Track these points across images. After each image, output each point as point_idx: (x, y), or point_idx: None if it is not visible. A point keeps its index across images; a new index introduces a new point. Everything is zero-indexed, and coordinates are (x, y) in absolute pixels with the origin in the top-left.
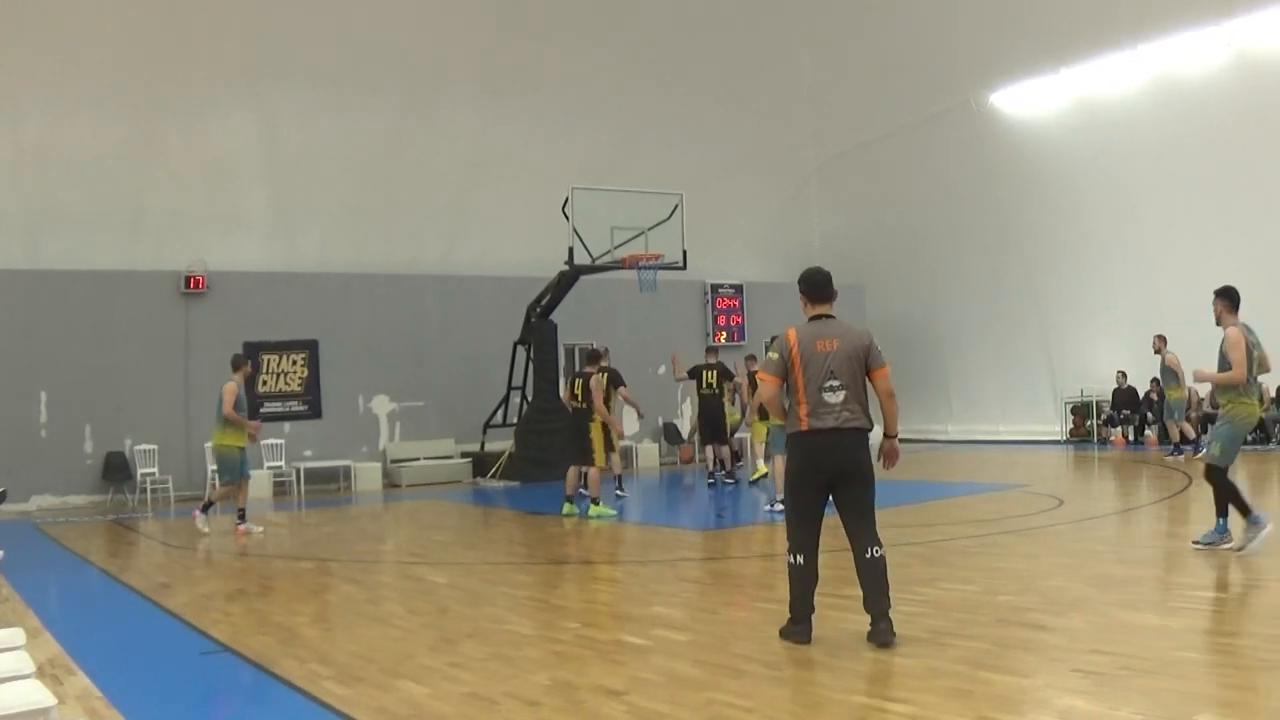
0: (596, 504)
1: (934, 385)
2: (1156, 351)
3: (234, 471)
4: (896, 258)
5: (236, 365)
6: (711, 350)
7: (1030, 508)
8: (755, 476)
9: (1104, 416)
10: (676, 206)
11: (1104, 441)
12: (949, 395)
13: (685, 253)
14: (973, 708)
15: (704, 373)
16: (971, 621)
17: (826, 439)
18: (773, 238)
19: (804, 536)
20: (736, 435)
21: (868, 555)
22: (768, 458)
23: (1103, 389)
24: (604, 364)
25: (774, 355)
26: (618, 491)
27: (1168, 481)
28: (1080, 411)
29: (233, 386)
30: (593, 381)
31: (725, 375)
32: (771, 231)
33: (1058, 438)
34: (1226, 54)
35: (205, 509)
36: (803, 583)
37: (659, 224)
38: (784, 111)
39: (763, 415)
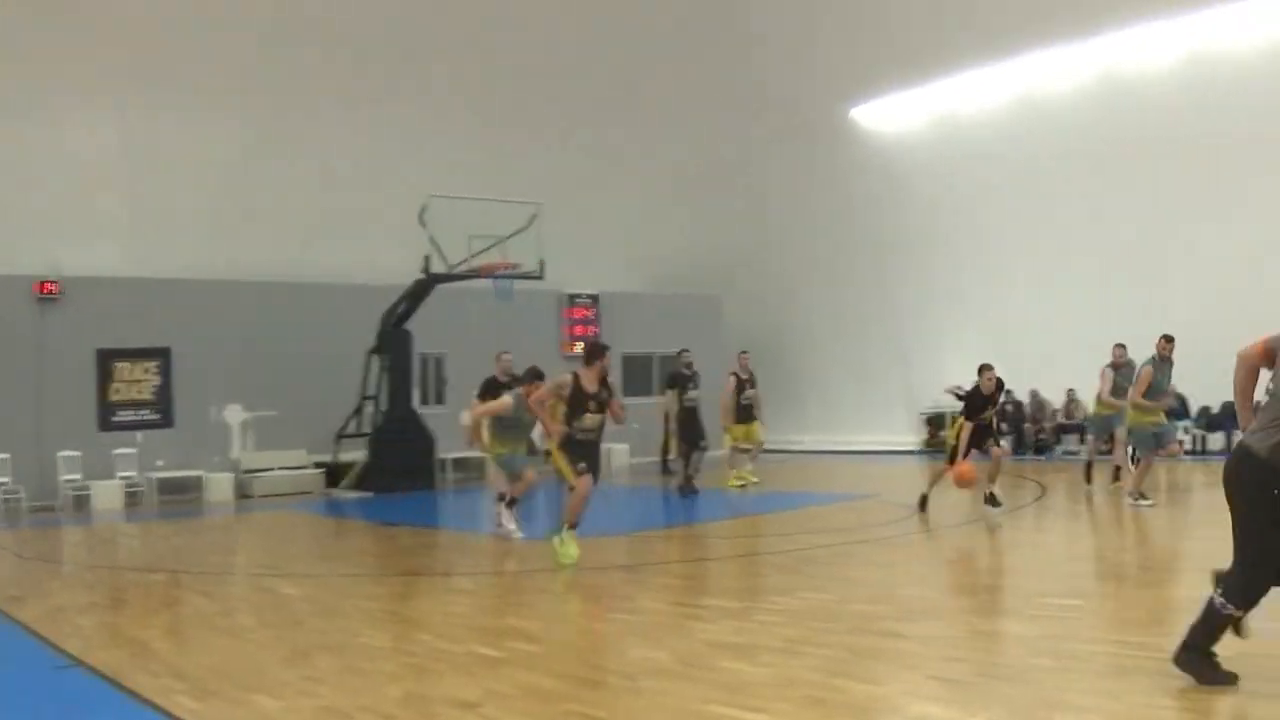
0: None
1: (791, 395)
2: (1114, 366)
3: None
4: (755, 268)
5: (536, 376)
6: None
7: (883, 517)
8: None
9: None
10: (534, 216)
11: None
12: (805, 405)
13: (542, 262)
14: (827, 715)
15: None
16: (826, 630)
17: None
18: (633, 248)
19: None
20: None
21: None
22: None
23: (955, 400)
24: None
25: None
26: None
27: (1020, 490)
28: (934, 421)
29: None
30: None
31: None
32: (632, 242)
33: (913, 447)
34: (1088, 72)
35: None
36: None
37: (516, 233)
38: (644, 123)
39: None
